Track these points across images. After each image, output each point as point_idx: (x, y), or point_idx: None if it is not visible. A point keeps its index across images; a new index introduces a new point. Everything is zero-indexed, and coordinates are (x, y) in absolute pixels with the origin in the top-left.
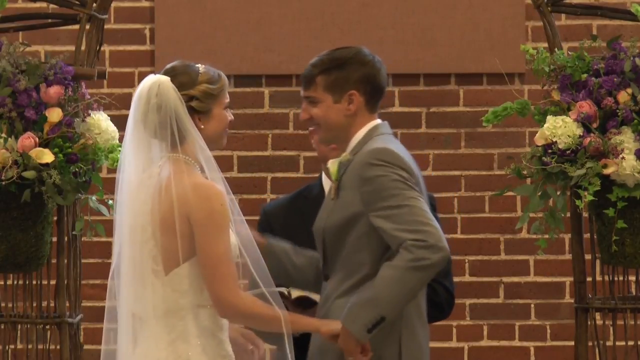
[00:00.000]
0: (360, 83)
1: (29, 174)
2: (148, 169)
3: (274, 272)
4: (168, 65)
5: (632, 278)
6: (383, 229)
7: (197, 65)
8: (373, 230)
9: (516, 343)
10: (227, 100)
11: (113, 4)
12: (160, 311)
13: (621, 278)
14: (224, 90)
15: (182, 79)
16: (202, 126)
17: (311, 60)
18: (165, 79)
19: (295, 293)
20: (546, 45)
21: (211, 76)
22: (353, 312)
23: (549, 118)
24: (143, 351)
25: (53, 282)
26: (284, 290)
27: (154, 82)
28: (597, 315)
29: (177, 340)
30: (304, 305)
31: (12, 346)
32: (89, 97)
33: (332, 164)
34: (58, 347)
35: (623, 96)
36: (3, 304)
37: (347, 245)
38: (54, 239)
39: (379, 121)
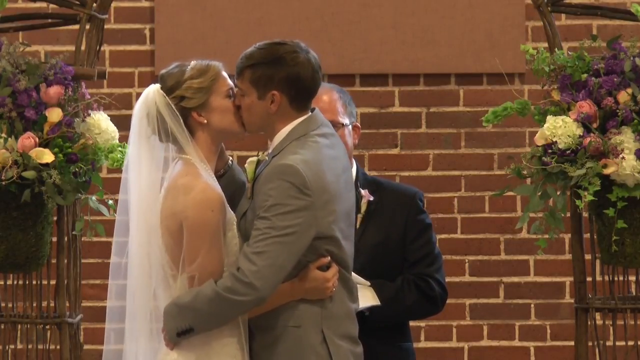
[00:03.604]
0: (285, 84)
1: (29, 174)
2: (157, 171)
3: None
4: (161, 71)
5: (632, 278)
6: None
7: (186, 64)
8: None
9: (516, 343)
10: (226, 88)
11: (113, 4)
12: None
13: (621, 278)
14: (216, 79)
15: (169, 83)
16: (205, 121)
17: (247, 50)
18: (154, 87)
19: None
20: (546, 45)
21: (197, 70)
22: (172, 311)
23: (549, 118)
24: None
25: (53, 282)
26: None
27: (147, 92)
28: (597, 315)
29: (196, 340)
30: None
31: (12, 346)
32: (89, 97)
33: (250, 163)
34: (58, 347)
35: (623, 96)
36: (3, 304)
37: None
38: (54, 239)
39: (303, 118)
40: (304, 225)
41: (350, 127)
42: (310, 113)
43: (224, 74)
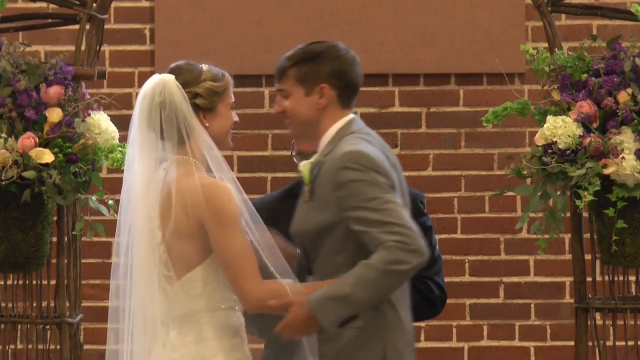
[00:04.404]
0: (332, 77)
1: (29, 174)
2: (155, 170)
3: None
4: (172, 65)
5: (632, 278)
6: (363, 232)
7: (201, 65)
8: (351, 233)
9: (516, 343)
10: (232, 100)
11: (113, 4)
12: (176, 315)
13: (621, 278)
14: (228, 89)
15: (186, 76)
16: (207, 124)
17: (286, 53)
18: (170, 77)
19: None
20: (546, 45)
21: (214, 74)
22: (326, 305)
23: (549, 118)
24: (158, 354)
25: (53, 282)
26: None
27: (159, 80)
28: (597, 315)
29: (193, 343)
30: None
31: (12, 346)
32: (89, 97)
33: (304, 167)
34: (58, 347)
35: (623, 96)
36: (3, 304)
37: (325, 248)
38: (54, 239)
39: (351, 116)
40: (396, 192)
41: None
42: (352, 115)
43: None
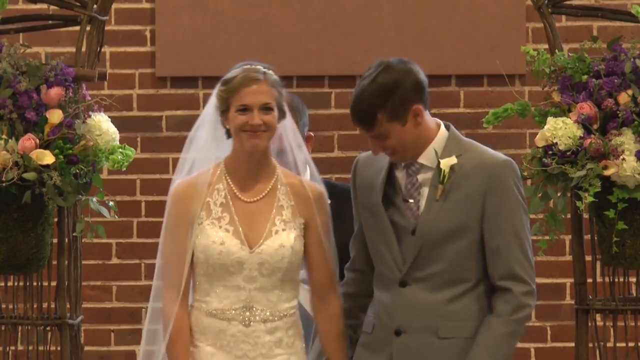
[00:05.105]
0: (416, 95)
1: (30, 176)
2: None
3: None
4: None
5: (633, 279)
6: (506, 254)
7: (242, 66)
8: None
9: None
10: (239, 102)
11: (114, 6)
12: None
13: (621, 279)
14: (232, 93)
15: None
16: (227, 126)
17: (356, 99)
18: None
19: None
20: (547, 46)
21: (225, 79)
22: None
23: (550, 119)
24: None
25: (54, 283)
26: None
27: None
28: (598, 317)
29: None
30: None
31: (12, 347)
32: (89, 98)
33: (445, 165)
34: (58, 348)
35: (623, 97)
36: (4, 306)
37: (454, 251)
38: (55, 241)
39: (439, 122)
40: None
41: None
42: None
43: (249, 88)
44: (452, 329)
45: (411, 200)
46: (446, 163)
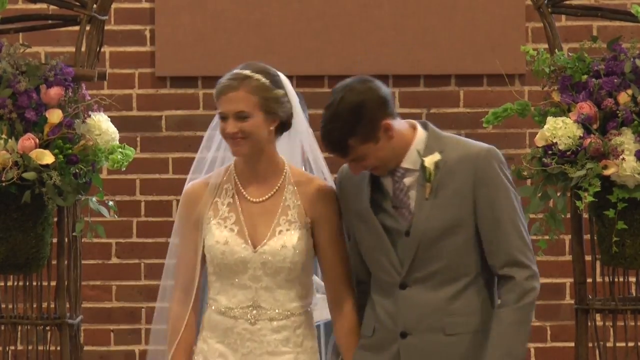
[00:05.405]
0: (382, 111)
1: (29, 175)
2: None
3: None
4: None
5: (633, 279)
6: (505, 242)
7: (252, 66)
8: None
9: None
10: (219, 110)
11: (113, 5)
12: None
13: (621, 279)
14: (215, 100)
15: None
16: None
17: (324, 131)
18: None
19: None
20: (546, 46)
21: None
22: None
23: (549, 119)
24: None
25: (53, 283)
26: None
27: None
28: (598, 317)
29: None
30: None
31: (12, 347)
32: (89, 98)
33: (429, 163)
34: (58, 348)
35: (623, 97)
36: (3, 305)
37: (451, 247)
38: (54, 240)
39: (415, 123)
40: None
41: None
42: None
43: (225, 96)
44: (457, 325)
45: (402, 207)
46: (430, 160)
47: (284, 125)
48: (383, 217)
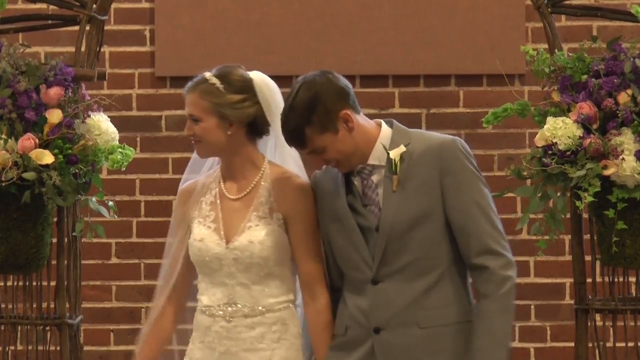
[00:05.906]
0: (340, 101)
1: (29, 175)
2: None
3: None
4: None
5: (632, 279)
6: (475, 229)
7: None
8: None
9: (516, 344)
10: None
11: (113, 5)
12: None
13: (621, 279)
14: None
15: None
16: None
17: (283, 122)
18: None
19: None
20: (546, 46)
21: None
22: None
23: (549, 119)
24: None
25: (53, 283)
26: None
27: None
28: (597, 317)
29: None
30: None
31: (12, 347)
32: (89, 98)
33: (395, 155)
34: (58, 348)
35: (623, 97)
36: (3, 305)
37: (421, 238)
38: (54, 240)
39: (377, 120)
40: None
41: None
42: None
43: (185, 98)
44: (432, 318)
45: (371, 204)
46: (396, 152)
47: (254, 128)
48: (355, 217)
